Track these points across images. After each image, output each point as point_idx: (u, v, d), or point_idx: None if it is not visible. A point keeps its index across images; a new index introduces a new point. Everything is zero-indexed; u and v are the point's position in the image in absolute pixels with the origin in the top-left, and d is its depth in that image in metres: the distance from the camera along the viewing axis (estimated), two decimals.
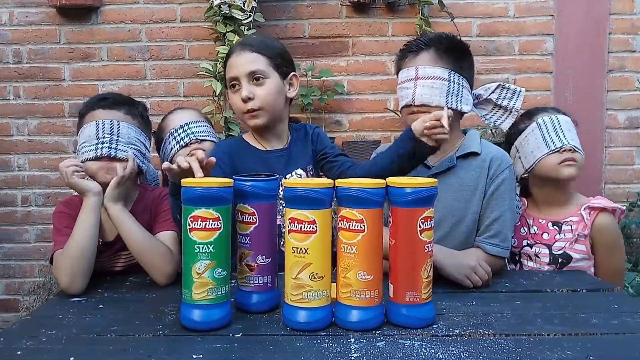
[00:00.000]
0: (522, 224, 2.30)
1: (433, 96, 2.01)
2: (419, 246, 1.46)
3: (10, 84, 3.77)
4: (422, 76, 2.03)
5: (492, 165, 2.04)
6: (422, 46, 2.08)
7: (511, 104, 2.14)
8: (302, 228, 1.43)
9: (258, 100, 2.08)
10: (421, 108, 2.01)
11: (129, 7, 3.74)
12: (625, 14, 3.75)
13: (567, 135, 2.19)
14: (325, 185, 1.44)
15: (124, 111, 2.02)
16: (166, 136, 2.40)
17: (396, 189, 1.46)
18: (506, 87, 2.14)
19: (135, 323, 1.53)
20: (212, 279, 1.45)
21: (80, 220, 1.89)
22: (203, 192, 1.45)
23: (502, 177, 2.03)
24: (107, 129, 1.95)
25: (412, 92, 2.03)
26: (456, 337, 1.41)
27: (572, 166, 2.17)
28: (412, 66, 2.06)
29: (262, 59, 2.09)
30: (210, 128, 2.47)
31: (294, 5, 3.75)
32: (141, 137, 2.05)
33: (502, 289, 1.85)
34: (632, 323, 1.52)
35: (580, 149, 2.19)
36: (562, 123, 2.21)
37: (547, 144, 2.21)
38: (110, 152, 1.94)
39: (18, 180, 3.81)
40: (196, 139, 2.35)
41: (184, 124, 2.38)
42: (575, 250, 2.16)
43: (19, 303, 3.81)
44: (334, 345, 1.36)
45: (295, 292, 1.45)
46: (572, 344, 1.36)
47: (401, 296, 1.47)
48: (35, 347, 1.38)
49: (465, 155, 2.07)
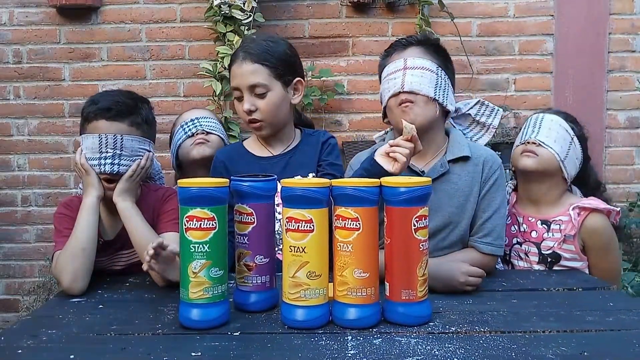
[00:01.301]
0: (512, 222, 2.29)
1: (422, 84, 1.97)
2: (414, 245, 1.47)
3: (10, 84, 3.77)
4: (411, 66, 1.99)
5: (485, 168, 2.02)
6: (411, 42, 2.07)
7: (489, 120, 2.16)
8: (300, 227, 1.45)
9: (260, 113, 2.09)
10: (410, 95, 1.97)
11: (129, 7, 3.75)
12: (625, 14, 3.75)
13: (541, 131, 2.19)
14: (322, 185, 1.46)
15: (128, 122, 1.96)
16: (177, 129, 2.52)
17: (390, 188, 1.47)
18: (485, 104, 2.18)
19: (135, 322, 1.54)
20: (208, 278, 1.46)
21: (79, 218, 1.89)
22: (198, 192, 1.47)
23: (494, 178, 2.02)
24: (111, 143, 1.92)
25: (400, 80, 1.98)
26: (452, 334, 1.42)
27: (530, 157, 2.17)
28: (400, 58, 2.03)
29: (264, 70, 2.07)
30: (218, 124, 2.58)
31: (294, 5, 3.76)
32: (145, 145, 2.01)
33: (498, 288, 1.86)
34: (627, 320, 1.53)
35: (550, 147, 2.16)
36: (544, 121, 2.21)
37: (520, 137, 2.25)
38: (113, 169, 1.92)
39: (18, 180, 3.82)
40: (202, 130, 2.45)
41: (195, 118, 2.50)
42: (564, 250, 2.15)
43: (19, 303, 3.81)
44: (331, 343, 1.37)
45: (292, 290, 1.46)
46: (567, 341, 1.37)
47: (397, 294, 1.48)
48: (35, 345, 1.39)
49: (456, 159, 2.04)
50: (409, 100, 1.97)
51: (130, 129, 1.97)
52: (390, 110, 2.06)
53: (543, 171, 2.18)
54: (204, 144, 2.44)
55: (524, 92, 3.80)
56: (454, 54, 3.71)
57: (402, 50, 2.07)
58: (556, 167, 2.17)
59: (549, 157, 2.16)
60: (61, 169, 3.79)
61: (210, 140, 2.44)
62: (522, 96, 3.79)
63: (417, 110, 1.97)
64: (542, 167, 2.17)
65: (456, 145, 2.06)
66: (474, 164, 2.03)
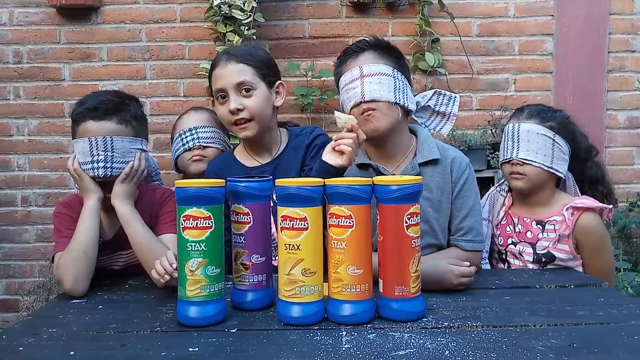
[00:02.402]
0: (507, 222, 2.31)
1: (382, 91, 1.97)
2: (406, 242, 1.49)
3: (10, 84, 3.79)
4: (367, 74, 1.99)
5: (454, 168, 2.06)
6: (363, 47, 2.05)
7: (448, 109, 2.16)
8: (294, 225, 1.47)
9: (247, 111, 2.09)
10: (371, 104, 1.97)
11: (129, 7, 3.77)
12: (625, 14, 3.76)
13: (520, 146, 2.18)
14: (316, 184, 1.48)
15: (116, 120, 1.96)
16: (176, 135, 2.49)
17: (382, 186, 1.50)
18: (442, 93, 2.17)
19: (134, 321, 1.56)
20: (205, 276, 1.48)
21: (81, 221, 1.90)
22: (195, 192, 1.49)
23: (465, 178, 2.05)
24: (101, 146, 1.92)
25: (359, 89, 1.97)
26: (445, 329, 1.44)
27: (518, 180, 2.21)
28: (356, 66, 2.01)
29: (249, 69, 2.10)
30: (218, 134, 2.50)
31: (294, 5, 3.77)
32: (136, 144, 2.01)
33: (491, 286, 1.88)
34: (618, 314, 1.55)
35: (534, 161, 2.17)
36: (521, 133, 2.19)
37: (502, 152, 2.26)
38: (106, 173, 1.93)
39: (18, 180, 3.83)
40: (199, 144, 2.42)
41: (193, 128, 2.45)
42: (559, 250, 2.17)
43: (19, 303, 3.82)
44: (326, 338, 1.39)
45: (288, 287, 1.48)
46: (557, 334, 1.39)
47: (390, 291, 1.50)
48: (36, 343, 1.41)
49: (426, 162, 2.06)
50: (371, 109, 1.98)
51: (119, 127, 1.96)
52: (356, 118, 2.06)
53: (534, 186, 2.22)
54: (201, 160, 2.42)
55: (524, 92, 3.80)
56: (454, 54, 3.75)
57: (356, 56, 2.05)
58: (546, 176, 2.20)
59: (536, 173, 2.18)
60: (61, 169, 3.80)
61: (207, 154, 2.42)
62: (522, 96, 3.79)
63: (380, 116, 1.98)
64: (532, 184, 2.21)
65: (426, 147, 2.08)
66: (443, 166, 2.06)
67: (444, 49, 3.77)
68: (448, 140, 3.58)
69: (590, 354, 1.27)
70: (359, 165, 2.08)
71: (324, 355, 1.27)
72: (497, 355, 1.25)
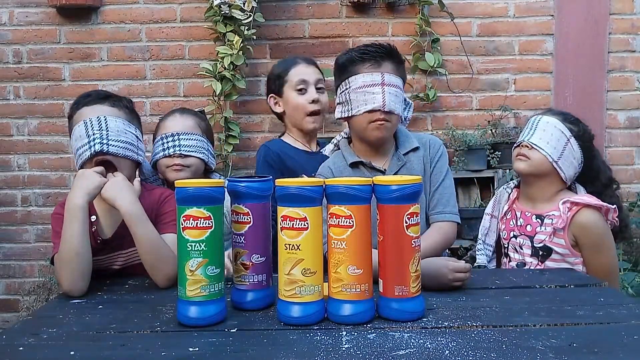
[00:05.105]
0: (511, 217, 2.35)
1: (397, 104, 2.07)
2: (406, 241, 1.49)
3: (10, 84, 3.80)
4: (388, 83, 2.04)
5: (430, 150, 2.20)
6: (386, 55, 2.09)
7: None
8: (294, 225, 1.46)
9: (321, 104, 2.59)
10: (387, 115, 2.05)
11: (129, 7, 3.77)
12: (625, 14, 3.77)
13: (535, 133, 2.24)
14: (315, 184, 1.48)
15: (109, 104, 2.01)
16: (158, 137, 2.37)
17: (382, 186, 1.49)
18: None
19: (134, 321, 1.56)
20: (205, 276, 1.48)
21: (65, 224, 1.86)
22: (195, 192, 1.49)
23: (438, 155, 2.20)
24: (96, 125, 1.94)
25: (380, 97, 2.02)
26: (445, 329, 1.44)
27: (522, 161, 2.26)
28: (378, 72, 2.05)
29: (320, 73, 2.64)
30: (200, 142, 2.37)
31: (294, 5, 3.78)
32: (130, 128, 2.03)
33: (491, 286, 1.87)
34: (617, 314, 1.55)
35: (542, 149, 2.20)
36: (540, 122, 2.25)
37: (519, 138, 2.32)
38: (103, 148, 1.93)
39: (18, 180, 3.84)
40: (180, 153, 2.30)
41: (176, 134, 2.33)
42: (554, 243, 2.18)
43: (19, 303, 3.83)
44: (326, 338, 1.38)
45: (288, 287, 1.48)
46: (557, 334, 1.39)
47: (391, 290, 1.50)
48: (36, 343, 1.41)
49: (408, 151, 2.19)
50: (386, 120, 2.06)
51: (112, 109, 2.01)
52: (358, 122, 2.11)
53: (535, 173, 2.24)
54: (182, 170, 2.32)
55: (524, 92, 3.81)
56: (454, 54, 3.76)
57: (378, 63, 2.07)
58: (549, 167, 2.21)
59: (540, 160, 2.21)
60: (61, 169, 3.81)
61: (187, 164, 2.31)
62: (522, 96, 3.80)
63: (390, 128, 2.11)
64: (534, 169, 2.23)
65: (406, 139, 2.22)
66: (423, 150, 2.20)
67: (444, 49, 3.78)
68: (448, 140, 3.60)
69: (590, 354, 1.26)
70: (351, 164, 2.17)
71: (324, 355, 1.27)
72: (497, 355, 1.25)
